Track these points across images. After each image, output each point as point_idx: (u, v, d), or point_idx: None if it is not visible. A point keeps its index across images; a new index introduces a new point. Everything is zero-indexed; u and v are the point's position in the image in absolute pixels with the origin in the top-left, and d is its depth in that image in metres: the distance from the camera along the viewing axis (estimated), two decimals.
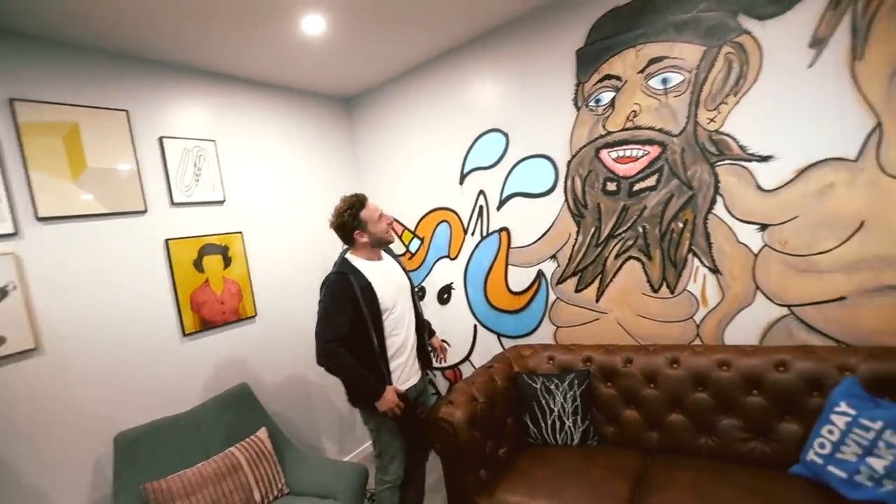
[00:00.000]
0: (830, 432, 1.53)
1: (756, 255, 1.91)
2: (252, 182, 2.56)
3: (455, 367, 2.99)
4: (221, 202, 2.38)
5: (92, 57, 1.98)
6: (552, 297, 2.48)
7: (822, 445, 1.54)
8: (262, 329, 2.54)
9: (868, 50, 1.60)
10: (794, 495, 1.49)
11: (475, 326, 2.83)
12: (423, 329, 2.06)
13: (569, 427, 2.03)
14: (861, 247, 1.71)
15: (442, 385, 3.06)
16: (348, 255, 1.92)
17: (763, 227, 1.88)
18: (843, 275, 1.75)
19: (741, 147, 1.88)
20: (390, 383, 1.83)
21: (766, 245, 1.89)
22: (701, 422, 1.87)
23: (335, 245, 2.80)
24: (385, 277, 1.90)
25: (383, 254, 2.01)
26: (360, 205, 1.88)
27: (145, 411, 2.03)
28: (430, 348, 2.14)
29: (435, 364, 2.17)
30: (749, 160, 1.87)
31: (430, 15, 2.17)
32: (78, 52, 1.94)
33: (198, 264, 2.23)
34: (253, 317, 2.49)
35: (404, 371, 1.90)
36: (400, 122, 2.95)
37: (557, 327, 2.50)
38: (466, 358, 2.91)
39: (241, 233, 2.44)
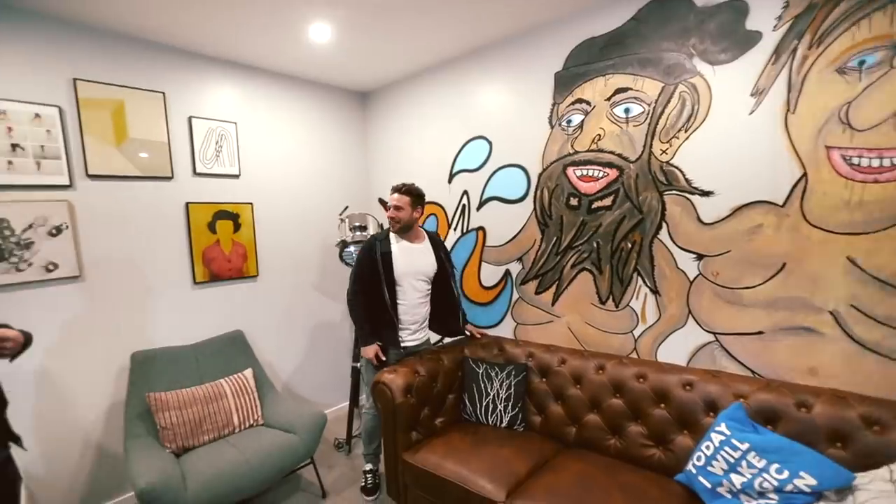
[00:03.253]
0: (707, 448, 1.70)
1: (691, 282, 2.05)
2: (266, 161, 2.94)
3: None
4: (237, 176, 2.78)
5: (138, 45, 2.37)
6: (515, 295, 2.71)
7: (699, 458, 1.72)
8: (261, 288, 2.95)
9: (800, 104, 1.70)
10: (659, 495, 1.68)
11: None
12: (446, 309, 2.49)
13: (500, 411, 2.28)
14: (780, 287, 1.83)
15: None
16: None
17: (699, 256, 2.02)
18: (763, 311, 1.88)
19: (687, 180, 2.01)
20: (396, 332, 2.30)
21: (700, 274, 2.03)
22: (613, 424, 2.06)
23: (334, 223, 3.16)
24: (405, 254, 2.32)
25: (425, 240, 2.41)
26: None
27: (158, 339, 2.49)
28: (466, 332, 2.61)
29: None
30: (693, 193, 2.00)
31: (431, 26, 2.39)
32: (127, 41, 2.33)
33: (211, 226, 2.65)
34: (255, 276, 2.90)
35: (407, 332, 2.37)
36: (406, 119, 3.22)
37: (518, 324, 2.73)
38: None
39: (251, 204, 2.83)
